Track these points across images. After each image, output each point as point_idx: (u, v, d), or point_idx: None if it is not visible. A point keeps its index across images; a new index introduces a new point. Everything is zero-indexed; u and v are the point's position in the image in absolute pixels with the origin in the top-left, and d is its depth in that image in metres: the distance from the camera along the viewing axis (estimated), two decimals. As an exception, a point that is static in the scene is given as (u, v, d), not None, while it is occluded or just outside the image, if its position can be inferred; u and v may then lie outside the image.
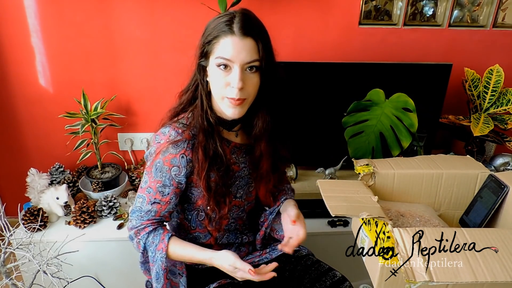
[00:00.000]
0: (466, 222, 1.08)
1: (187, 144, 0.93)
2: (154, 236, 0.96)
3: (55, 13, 1.57)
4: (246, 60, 0.86)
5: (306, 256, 1.11)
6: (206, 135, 0.94)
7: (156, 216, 0.97)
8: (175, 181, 0.95)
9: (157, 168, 0.94)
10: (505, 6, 1.70)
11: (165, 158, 0.93)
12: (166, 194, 0.96)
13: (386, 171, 1.11)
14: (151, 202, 0.96)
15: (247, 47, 0.86)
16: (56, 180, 1.68)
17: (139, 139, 1.81)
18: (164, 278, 0.96)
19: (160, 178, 0.94)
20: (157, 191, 0.95)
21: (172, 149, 0.92)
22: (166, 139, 0.93)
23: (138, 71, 1.69)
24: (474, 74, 1.63)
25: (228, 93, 0.88)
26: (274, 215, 1.11)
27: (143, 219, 0.97)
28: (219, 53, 0.87)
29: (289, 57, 1.63)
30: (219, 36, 0.87)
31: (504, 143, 1.60)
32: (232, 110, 0.91)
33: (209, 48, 0.89)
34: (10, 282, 1.13)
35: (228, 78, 0.87)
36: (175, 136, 0.93)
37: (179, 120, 0.96)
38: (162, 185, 0.95)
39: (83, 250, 1.44)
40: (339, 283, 1.02)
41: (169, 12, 1.60)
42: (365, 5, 1.67)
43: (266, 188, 1.08)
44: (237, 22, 0.86)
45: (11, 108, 1.71)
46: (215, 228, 1.04)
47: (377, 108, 1.40)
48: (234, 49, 0.85)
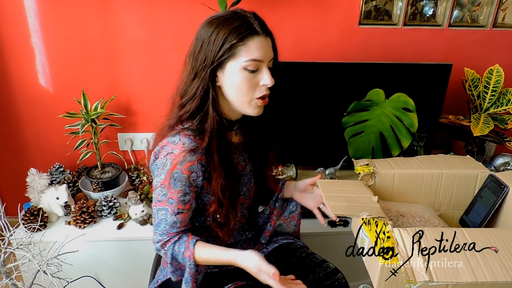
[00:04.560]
0: (466, 222, 1.08)
1: (202, 150, 0.91)
2: (179, 245, 0.94)
3: (55, 13, 1.57)
4: (270, 58, 0.90)
5: (301, 248, 1.13)
6: (219, 141, 0.93)
7: (181, 226, 0.96)
8: (193, 186, 0.93)
9: (175, 178, 0.91)
10: (505, 6, 1.70)
11: (184, 167, 0.90)
12: (187, 201, 0.94)
13: (386, 171, 1.11)
14: (175, 213, 0.93)
15: (269, 45, 0.89)
16: (56, 180, 1.68)
17: (139, 139, 1.81)
18: (192, 283, 0.95)
19: (180, 188, 0.91)
20: (179, 201, 0.92)
21: (189, 157, 0.90)
22: (180, 148, 0.90)
23: (138, 71, 1.69)
24: (474, 74, 1.63)
25: (258, 93, 0.90)
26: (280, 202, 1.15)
27: (169, 232, 0.95)
28: (250, 56, 0.86)
29: (289, 57, 1.63)
30: (245, 38, 0.85)
31: (504, 143, 1.60)
32: (258, 110, 0.93)
33: (231, 53, 0.86)
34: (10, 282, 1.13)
35: (257, 78, 0.89)
36: (190, 143, 0.90)
37: (185, 127, 0.93)
38: (183, 194, 0.92)
39: (83, 250, 1.44)
40: (332, 274, 1.04)
41: (169, 12, 1.60)
42: (365, 5, 1.67)
43: (274, 177, 1.14)
44: (256, 22, 0.87)
45: (11, 108, 1.71)
46: (227, 234, 1.03)
47: (377, 108, 1.40)
48: (263, 50, 0.87)
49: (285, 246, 1.14)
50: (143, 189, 1.65)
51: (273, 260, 1.10)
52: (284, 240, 1.16)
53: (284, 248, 1.14)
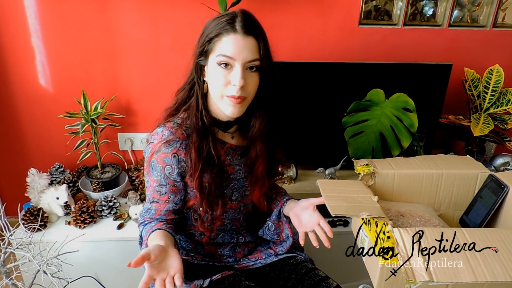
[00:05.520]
0: (466, 222, 1.08)
1: (180, 144, 0.93)
2: (145, 228, 0.97)
3: (55, 13, 1.57)
4: (247, 59, 0.87)
5: (301, 263, 1.07)
6: (200, 135, 0.93)
7: (156, 215, 0.98)
8: (170, 179, 0.95)
9: (152, 167, 0.95)
10: (505, 6, 1.70)
11: (158, 157, 0.93)
12: (164, 193, 0.97)
13: (386, 171, 1.11)
14: (150, 201, 0.98)
15: (249, 45, 0.86)
16: (56, 180, 1.68)
17: (139, 139, 1.81)
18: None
19: (156, 178, 0.95)
20: (154, 190, 0.97)
21: (164, 148, 0.93)
22: (159, 138, 0.93)
23: (138, 71, 1.69)
24: (474, 74, 1.63)
25: (229, 92, 0.89)
26: (276, 216, 1.10)
27: (144, 215, 0.99)
28: (221, 51, 0.87)
29: (289, 57, 1.63)
30: (221, 34, 0.86)
31: (504, 143, 1.60)
32: (231, 109, 0.90)
33: (209, 47, 0.89)
34: (10, 282, 1.13)
35: (229, 77, 0.88)
36: (168, 135, 0.93)
37: (174, 120, 0.96)
38: (159, 184, 0.96)
39: (83, 250, 1.44)
40: None
41: (169, 12, 1.60)
42: (365, 5, 1.67)
43: (260, 191, 1.07)
44: (239, 20, 0.86)
45: (11, 108, 1.71)
46: (207, 229, 1.04)
47: (377, 108, 1.40)
48: (236, 47, 0.86)
49: (285, 260, 1.09)
50: (143, 189, 1.65)
51: (272, 275, 1.08)
52: (284, 254, 1.10)
53: (284, 262, 1.08)
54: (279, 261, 1.09)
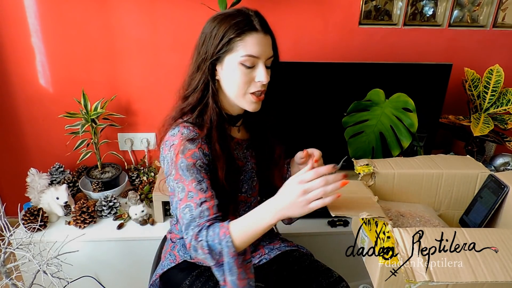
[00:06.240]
0: (466, 222, 1.08)
1: (201, 139, 0.93)
2: (214, 228, 0.84)
3: (55, 13, 1.57)
4: (268, 56, 0.91)
5: (304, 256, 1.11)
6: (219, 132, 0.95)
7: (210, 215, 0.87)
8: (204, 172, 0.90)
9: (183, 169, 0.88)
10: (505, 6, 1.70)
11: (186, 156, 0.89)
12: (206, 189, 0.89)
13: (386, 171, 1.11)
14: (199, 204, 0.86)
15: (268, 43, 0.91)
16: (56, 180, 1.68)
17: (139, 139, 1.81)
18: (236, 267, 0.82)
19: (192, 177, 0.88)
20: (197, 191, 0.87)
21: (189, 145, 0.90)
22: (179, 138, 0.90)
23: (138, 71, 1.69)
24: (474, 74, 1.63)
25: (252, 89, 0.92)
26: None
27: (199, 222, 0.85)
28: (246, 51, 0.87)
29: (289, 57, 1.62)
30: (243, 33, 0.87)
31: (504, 143, 1.60)
32: (254, 105, 0.94)
33: (229, 47, 0.88)
34: (10, 282, 1.13)
35: (253, 74, 0.90)
36: (188, 133, 0.91)
37: (184, 119, 0.95)
38: (197, 182, 0.88)
39: (83, 250, 1.44)
40: (335, 284, 1.02)
41: (169, 12, 1.60)
42: (365, 5, 1.67)
43: (281, 175, 1.10)
44: (256, 20, 0.88)
45: (11, 108, 1.71)
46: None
47: (377, 108, 1.40)
48: (260, 46, 0.88)
49: (288, 253, 1.12)
50: (143, 189, 1.65)
51: (275, 267, 1.08)
52: (287, 247, 1.13)
53: (287, 255, 1.11)
54: (282, 254, 1.11)
